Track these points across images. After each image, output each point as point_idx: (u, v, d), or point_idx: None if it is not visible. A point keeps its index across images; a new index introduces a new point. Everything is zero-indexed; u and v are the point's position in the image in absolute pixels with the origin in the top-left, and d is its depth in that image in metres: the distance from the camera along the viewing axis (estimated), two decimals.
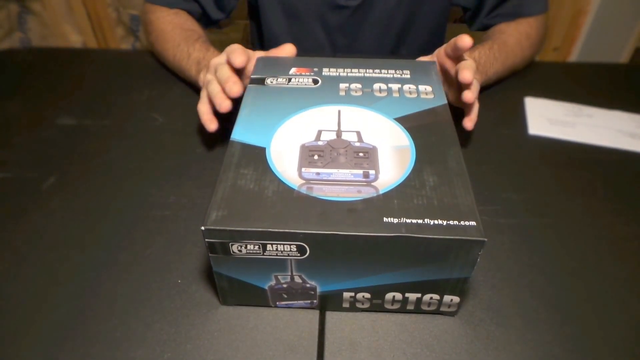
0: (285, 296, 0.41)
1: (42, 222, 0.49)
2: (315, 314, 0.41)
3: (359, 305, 0.41)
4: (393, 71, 0.52)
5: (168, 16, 0.70)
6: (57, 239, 0.47)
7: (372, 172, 0.39)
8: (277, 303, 0.42)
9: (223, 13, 0.79)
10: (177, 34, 0.66)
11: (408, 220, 0.35)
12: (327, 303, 0.41)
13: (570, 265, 0.46)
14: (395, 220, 0.35)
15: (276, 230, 0.34)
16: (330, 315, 0.41)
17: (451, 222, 0.35)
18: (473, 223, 0.35)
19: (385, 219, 0.35)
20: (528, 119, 0.63)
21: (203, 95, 0.55)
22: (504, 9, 0.73)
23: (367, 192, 0.37)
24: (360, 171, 0.39)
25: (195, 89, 0.64)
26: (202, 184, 0.53)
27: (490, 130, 0.61)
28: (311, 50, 0.82)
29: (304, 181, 0.38)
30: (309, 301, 0.41)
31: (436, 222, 0.35)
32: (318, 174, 0.39)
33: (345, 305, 0.41)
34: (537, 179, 0.55)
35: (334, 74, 0.52)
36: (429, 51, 0.59)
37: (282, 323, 0.41)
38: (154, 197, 0.51)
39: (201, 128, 0.59)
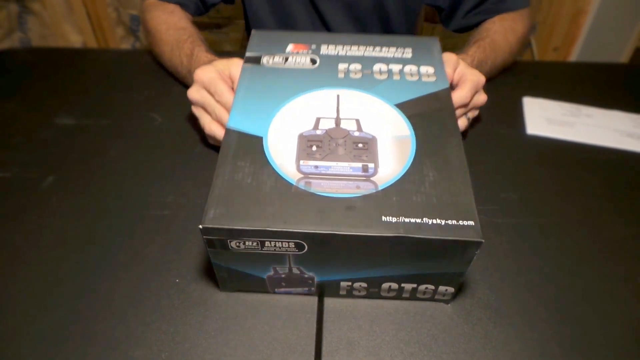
0: (284, 284, 0.41)
1: (41, 221, 0.49)
2: (314, 314, 0.41)
3: (355, 293, 0.41)
4: (394, 49, 0.50)
5: (163, 15, 0.69)
6: (56, 238, 0.47)
7: (371, 165, 0.39)
8: (276, 290, 0.42)
9: None
10: (170, 35, 0.66)
11: (407, 220, 0.35)
12: (325, 290, 0.42)
13: (568, 265, 0.46)
14: (394, 220, 0.35)
15: (274, 229, 0.34)
16: (329, 315, 0.41)
17: (449, 222, 0.35)
18: (471, 223, 0.35)
19: (384, 218, 0.35)
20: (526, 118, 0.63)
21: (203, 114, 0.53)
22: (484, 7, 0.73)
23: (366, 188, 0.37)
24: (360, 164, 0.39)
25: None
26: (200, 183, 0.53)
27: (488, 130, 0.61)
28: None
29: (302, 175, 0.38)
30: (307, 288, 0.41)
31: (435, 221, 0.35)
32: (316, 167, 0.38)
33: (343, 292, 0.41)
34: (536, 179, 0.55)
35: (333, 52, 0.50)
36: None
37: (280, 323, 0.41)
38: (153, 196, 0.51)
39: (199, 128, 0.60)
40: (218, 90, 0.50)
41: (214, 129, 0.52)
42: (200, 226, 0.35)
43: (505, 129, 0.62)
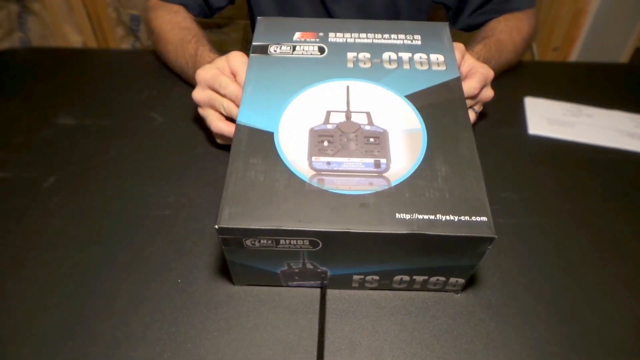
0: (297, 278, 0.41)
1: (42, 221, 0.49)
2: (316, 314, 0.41)
3: (367, 285, 0.42)
4: (403, 36, 0.49)
5: (167, 15, 0.69)
6: (57, 238, 0.47)
7: (383, 161, 0.39)
8: (289, 283, 0.42)
9: (224, 0, 0.78)
10: (175, 35, 0.66)
11: (420, 216, 0.35)
12: (337, 283, 0.42)
13: (569, 265, 0.46)
14: (407, 217, 0.35)
15: (288, 228, 0.35)
16: (331, 315, 0.41)
17: (462, 218, 0.35)
18: (484, 219, 0.35)
19: (397, 215, 0.35)
20: (528, 118, 0.63)
21: (210, 113, 0.52)
22: (490, 7, 0.73)
23: (378, 185, 0.37)
24: (372, 160, 0.39)
25: None
26: (201, 183, 0.53)
27: (490, 130, 0.61)
28: None
29: (314, 172, 0.38)
30: (319, 281, 0.42)
31: (447, 217, 0.35)
32: (329, 163, 0.38)
33: (355, 285, 0.42)
34: (537, 179, 0.55)
35: (341, 40, 0.49)
36: None
37: (282, 323, 0.41)
38: (154, 196, 0.51)
39: (200, 128, 0.60)
40: (223, 84, 0.50)
41: (221, 127, 0.52)
42: (216, 226, 0.35)
43: (507, 129, 0.62)
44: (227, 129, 0.52)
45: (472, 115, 0.57)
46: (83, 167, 0.55)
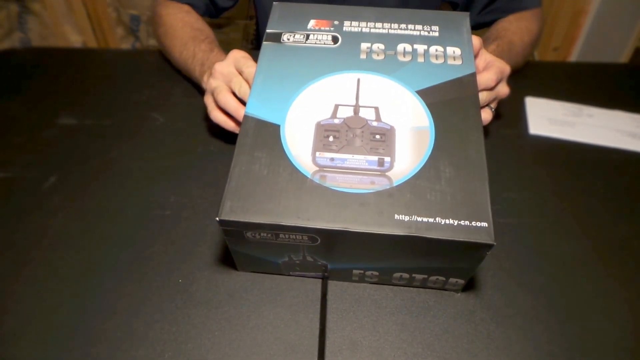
0: (298, 269, 0.42)
1: (43, 221, 0.49)
2: (317, 314, 0.42)
3: (367, 279, 0.42)
4: (420, 27, 0.47)
5: (179, 13, 0.70)
6: (57, 238, 0.47)
7: (387, 159, 0.38)
8: (290, 273, 0.43)
9: (231, 0, 0.78)
10: (186, 32, 0.66)
11: (419, 219, 0.35)
12: (338, 275, 0.42)
13: (570, 265, 0.46)
14: (406, 218, 0.35)
15: (287, 224, 0.35)
16: (332, 315, 0.41)
17: (462, 223, 0.35)
18: (484, 224, 0.35)
19: (396, 216, 0.35)
20: (528, 118, 0.63)
21: (211, 102, 0.53)
22: (497, 5, 0.73)
23: (380, 184, 0.37)
24: (376, 158, 0.38)
25: (197, 88, 0.64)
26: (202, 183, 0.53)
27: (491, 130, 0.61)
28: None
29: (317, 168, 0.38)
30: (320, 273, 0.42)
31: (447, 221, 0.35)
32: (332, 159, 0.38)
33: (355, 278, 0.42)
34: (537, 179, 0.55)
35: (356, 29, 0.47)
36: None
37: (283, 323, 0.41)
38: (155, 196, 0.51)
39: (201, 128, 0.60)
40: (249, 64, 0.50)
41: (229, 100, 0.51)
42: (217, 218, 0.35)
43: (508, 129, 0.62)
44: (233, 104, 0.51)
45: (489, 114, 0.55)
46: (84, 167, 0.55)
